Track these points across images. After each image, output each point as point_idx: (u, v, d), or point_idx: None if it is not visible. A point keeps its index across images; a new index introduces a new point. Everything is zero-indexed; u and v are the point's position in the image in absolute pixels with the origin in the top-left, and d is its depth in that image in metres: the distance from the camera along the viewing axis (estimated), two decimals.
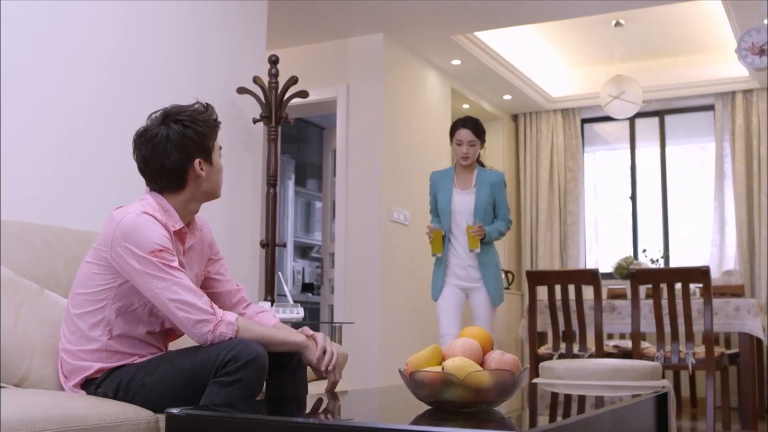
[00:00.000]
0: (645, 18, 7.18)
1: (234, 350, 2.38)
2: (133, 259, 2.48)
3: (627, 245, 8.69)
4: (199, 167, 2.67)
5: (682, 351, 5.38)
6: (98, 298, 2.57)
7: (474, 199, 5.23)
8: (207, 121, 2.71)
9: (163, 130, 2.63)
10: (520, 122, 9.30)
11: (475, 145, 5.22)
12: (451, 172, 5.37)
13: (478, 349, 2.15)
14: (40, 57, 3.74)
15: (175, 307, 2.46)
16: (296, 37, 6.84)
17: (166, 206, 2.65)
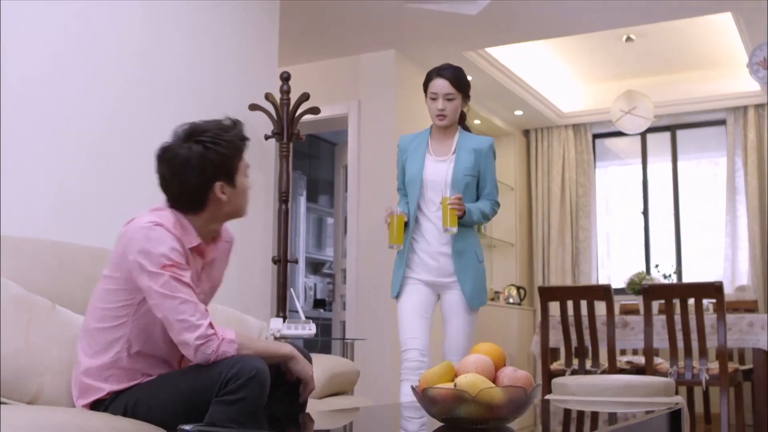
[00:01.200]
0: (656, 33, 7.18)
1: (235, 368, 2.37)
2: (144, 274, 2.46)
3: (639, 260, 8.66)
4: (219, 191, 2.60)
5: (696, 367, 5.35)
6: (119, 314, 2.55)
7: (452, 168, 4.09)
8: (232, 141, 2.62)
9: (184, 149, 2.56)
10: (531, 138, 9.30)
11: (454, 100, 4.11)
12: (425, 135, 4.26)
13: (491, 365, 2.15)
14: (58, 75, 3.76)
15: (180, 327, 2.43)
16: (308, 54, 6.87)
17: (184, 223, 2.61)
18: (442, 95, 4.10)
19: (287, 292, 5.02)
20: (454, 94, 4.11)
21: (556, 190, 8.99)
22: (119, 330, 2.55)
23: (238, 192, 2.66)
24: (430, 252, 4.08)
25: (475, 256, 4.12)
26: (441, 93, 4.11)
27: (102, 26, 4.03)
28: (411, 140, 4.28)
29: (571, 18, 6.32)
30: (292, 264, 5.41)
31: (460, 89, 4.13)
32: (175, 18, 4.50)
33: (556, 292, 5.79)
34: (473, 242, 4.13)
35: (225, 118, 2.67)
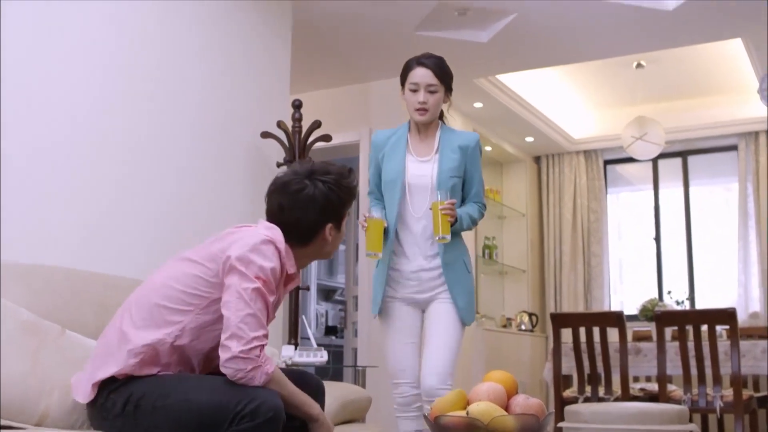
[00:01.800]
0: (666, 59, 7.20)
1: (253, 403, 2.34)
2: (235, 273, 2.47)
3: (652, 287, 8.63)
4: (329, 232, 2.69)
5: (710, 394, 5.31)
6: (190, 301, 2.53)
7: (436, 169, 3.62)
8: (349, 188, 2.74)
9: (309, 187, 2.66)
10: (542, 164, 9.30)
11: (436, 92, 3.63)
12: (403, 131, 3.75)
13: (503, 393, 2.14)
14: (77, 107, 3.79)
15: (235, 330, 2.41)
16: (319, 81, 6.91)
17: (289, 250, 2.65)
18: (424, 86, 3.62)
19: (299, 320, 5.02)
20: (437, 86, 3.63)
21: (568, 216, 8.98)
22: (181, 315, 2.52)
23: (339, 236, 2.76)
24: (411, 268, 3.61)
25: (464, 267, 3.67)
26: (422, 84, 3.63)
27: (119, 58, 4.07)
28: (387, 137, 3.76)
29: (581, 44, 6.34)
30: (304, 291, 5.41)
31: (444, 80, 3.66)
32: (189, 48, 4.53)
33: (569, 319, 5.78)
34: (462, 251, 3.69)
35: (341, 165, 2.78)
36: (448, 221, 3.46)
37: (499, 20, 5.92)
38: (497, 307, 8.74)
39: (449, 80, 3.69)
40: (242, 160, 4.87)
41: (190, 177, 4.46)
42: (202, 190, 4.54)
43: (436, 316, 3.59)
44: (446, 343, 3.53)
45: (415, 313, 3.65)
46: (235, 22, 4.89)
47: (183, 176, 4.40)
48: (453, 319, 3.57)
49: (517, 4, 5.64)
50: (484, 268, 8.53)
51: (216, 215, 4.60)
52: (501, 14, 5.84)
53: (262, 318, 2.47)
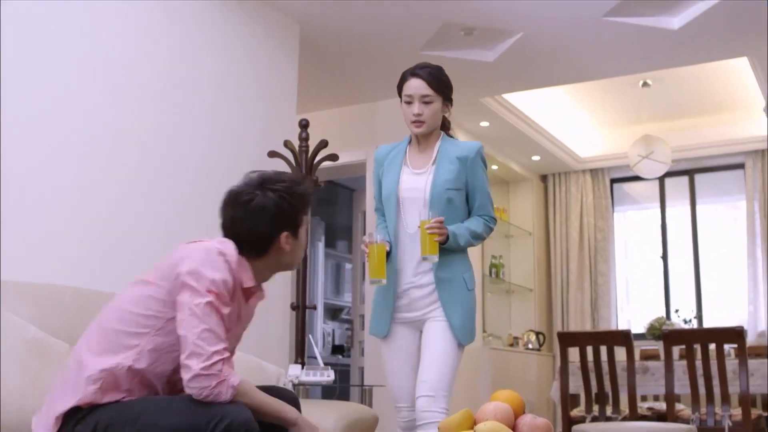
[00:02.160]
0: (672, 78, 7.21)
1: (224, 422, 2.28)
2: (186, 290, 2.42)
3: (659, 305, 8.61)
4: (285, 240, 2.62)
5: (718, 413, 5.29)
6: (145, 323, 2.48)
7: (430, 181, 3.46)
8: (302, 195, 2.67)
9: (260, 196, 2.60)
10: (549, 183, 9.31)
11: (432, 103, 3.47)
12: (403, 145, 3.65)
13: (510, 412, 2.14)
14: (84, 126, 3.81)
15: (193, 349, 2.36)
16: (326, 101, 6.93)
17: (245, 263, 2.60)
18: (418, 97, 3.46)
19: (306, 339, 5.02)
20: (432, 96, 3.46)
21: (575, 234, 8.97)
22: (137, 338, 2.47)
23: (298, 245, 2.69)
24: (401, 285, 3.43)
25: (463, 284, 3.45)
26: (416, 95, 3.46)
27: (128, 78, 4.09)
28: (388, 151, 3.66)
29: (587, 64, 6.36)
30: (311, 310, 5.41)
31: (440, 90, 3.49)
32: (197, 68, 4.56)
33: (576, 338, 5.76)
34: (461, 268, 3.47)
35: (294, 173, 2.72)
36: (435, 241, 3.27)
37: (505, 40, 5.95)
38: (504, 326, 8.72)
39: (446, 89, 3.53)
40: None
41: (197, 196, 4.47)
42: (209, 208, 4.53)
43: (429, 336, 3.37)
44: (437, 363, 3.30)
45: (412, 335, 3.46)
46: (243, 42, 4.92)
47: (190, 195, 4.41)
48: (446, 338, 3.33)
49: (523, 24, 5.66)
50: (491, 287, 8.52)
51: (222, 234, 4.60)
52: (507, 34, 5.86)
53: (219, 332, 2.42)
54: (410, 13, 5.47)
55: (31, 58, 3.62)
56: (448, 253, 3.37)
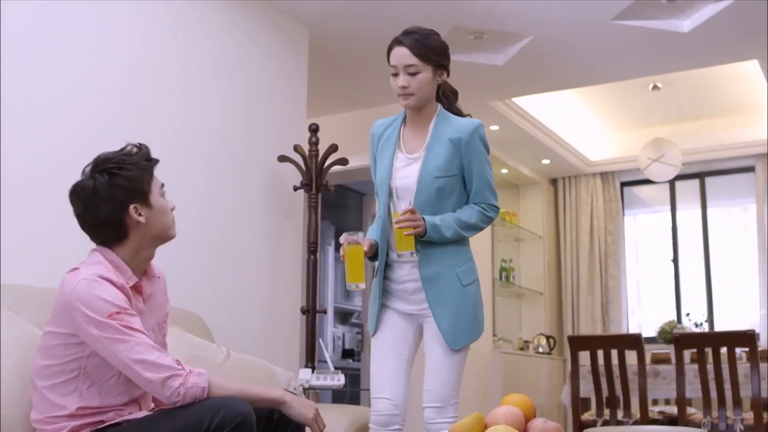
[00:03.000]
0: (682, 81, 7.20)
1: (218, 416, 2.26)
2: (91, 326, 2.36)
3: (670, 309, 8.59)
4: (135, 213, 2.53)
5: (730, 417, 5.27)
6: (67, 368, 2.45)
7: (419, 168, 3.13)
8: (137, 163, 2.57)
9: (89, 182, 2.53)
10: (559, 186, 9.30)
11: (419, 73, 3.08)
12: (398, 123, 3.28)
13: (521, 416, 2.14)
14: (91, 132, 3.82)
15: (141, 368, 2.34)
16: (336, 106, 6.94)
17: (117, 262, 2.54)
18: (402, 68, 3.08)
19: (316, 343, 5.01)
20: (419, 65, 3.07)
21: (585, 238, 8.96)
22: (71, 384, 2.45)
23: (156, 211, 2.60)
24: (399, 277, 3.16)
25: (456, 280, 3.11)
26: (400, 65, 3.08)
27: (134, 83, 4.10)
28: (384, 128, 3.31)
29: (597, 67, 6.35)
30: (321, 314, 5.40)
31: (427, 58, 3.09)
32: (206, 73, 4.57)
33: (586, 342, 5.75)
34: (452, 262, 3.11)
35: (128, 144, 2.63)
36: (406, 235, 2.98)
37: (515, 43, 5.94)
38: (514, 330, 8.71)
39: (435, 55, 3.12)
40: (260, 184, 4.89)
41: (207, 200, 4.48)
42: (219, 213, 4.56)
43: (426, 341, 3.15)
44: (438, 372, 3.12)
45: (407, 326, 3.17)
46: (252, 47, 4.93)
47: (200, 200, 4.42)
48: (440, 343, 3.09)
49: (532, 27, 5.66)
50: (501, 291, 8.51)
51: (234, 239, 4.62)
52: (516, 37, 5.86)
53: (147, 340, 2.39)
54: (420, 17, 5.45)
55: (38, 61, 3.64)
56: (435, 246, 3.07)
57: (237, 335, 4.42)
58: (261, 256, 4.82)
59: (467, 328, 3.12)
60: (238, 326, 4.55)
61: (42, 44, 3.64)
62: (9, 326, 2.76)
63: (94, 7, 3.91)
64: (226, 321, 4.38)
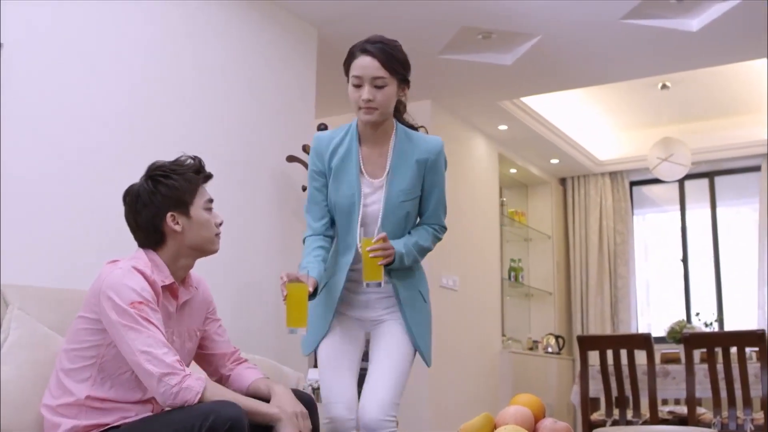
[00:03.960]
0: (691, 80, 7.18)
1: (208, 420, 2.27)
2: (113, 311, 2.43)
3: (679, 308, 8.57)
4: (172, 221, 2.61)
5: (740, 417, 5.26)
6: (87, 354, 2.51)
7: (385, 192, 2.94)
8: (184, 174, 2.66)
9: (136, 186, 2.65)
10: (568, 186, 9.28)
11: (385, 86, 2.88)
12: (352, 139, 3.01)
13: (530, 416, 2.14)
14: (98, 127, 3.83)
15: (144, 359, 2.38)
16: (344, 105, 6.88)
17: (157, 261, 2.62)
18: (369, 79, 2.87)
19: None
20: (386, 78, 2.87)
21: (594, 238, 8.95)
22: (86, 371, 2.51)
23: (195, 223, 2.66)
24: (363, 290, 2.98)
25: (421, 298, 3.05)
26: (366, 76, 2.87)
27: (143, 83, 4.11)
28: (333, 145, 3.03)
29: (606, 66, 6.34)
30: None
31: (395, 71, 2.90)
32: (214, 73, 4.58)
33: (596, 341, 5.74)
34: (417, 282, 3.04)
35: (183, 155, 2.72)
36: (379, 264, 2.79)
37: (523, 43, 5.94)
38: (523, 330, 8.71)
39: (402, 69, 2.94)
40: (268, 184, 4.90)
41: (216, 200, 4.47)
42: (227, 213, 4.54)
43: (384, 336, 2.98)
44: (394, 367, 2.91)
45: (359, 330, 3.04)
46: (261, 47, 4.93)
47: None
48: (404, 341, 2.95)
49: (541, 27, 5.65)
50: (510, 291, 8.51)
51: (242, 238, 4.63)
52: (525, 37, 5.85)
53: (158, 337, 2.43)
54: (428, 17, 5.47)
55: (44, 60, 3.64)
56: (407, 270, 2.98)
57: (246, 335, 4.42)
58: (270, 256, 4.82)
59: (428, 340, 3.06)
60: (247, 326, 4.55)
61: (49, 43, 3.65)
62: (20, 325, 2.78)
63: (105, 7, 3.92)
64: (235, 321, 4.39)
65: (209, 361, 2.84)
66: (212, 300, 2.90)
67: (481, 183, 7.61)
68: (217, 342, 2.87)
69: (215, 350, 2.85)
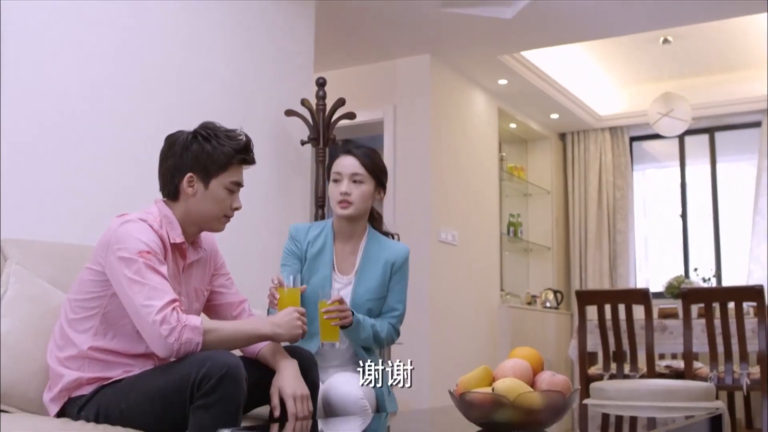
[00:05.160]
0: (693, 35, 7.12)
1: (204, 368, 2.28)
2: (118, 261, 2.43)
3: (678, 264, 8.58)
4: (188, 182, 2.61)
5: (736, 371, 5.29)
6: (89, 305, 2.52)
7: (351, 291, 3.13)
8: (223, 147, 2.61)
9: (179, 134, 2.65)
10: (567, 141, 9.25)
11: (363, 183, 3.13)
12: (327, 238, 3.21)
13: (529, 370, 2.14)
14: (94, 84, 3.81)
15: (144, 313, 2.37)
16: (343, 59, 6.89)
17: (171, 218, 2.61)
18: (348, 175, 3.11)
19: None
20: (364, 176, 3.12)
21: (593, 193, 8.94)
22: (88, 321, 2.52)
23: (208, 195, 2.63)
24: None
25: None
26: (346, 173, 3.12)
27: (138, 35, 4.07)
28: (311, 237, 3.21)
29: (607, 20, 6.28)
30: None
31: (372, 173, 3.15)
32: (210, 26, 4.53)
33: (594, 296, 5.76)
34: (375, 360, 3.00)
35: (239, 129, 2.69)
36: (333, 325, 2.88)
37: None
38: (522, 285, 8.73)
39: (380, 174, 3.18)
40: (266, 139, 4.88)
41: None
42: None
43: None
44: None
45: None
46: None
47: None
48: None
49: None
50: (509, 246, 8.52)
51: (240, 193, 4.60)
52: None
53: (162, 287, 2.42)
54: None
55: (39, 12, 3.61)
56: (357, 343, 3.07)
57: (244, 292, 4.43)
58: (269, 211, 4.82)
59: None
60: (246, 281, 4.55)
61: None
62: (18, 280, 2.78)
63: None
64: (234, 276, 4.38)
65: (216, 311, 2.85)
66: (220, 256, 2.90)
67: (480, 138, 7.58)
68: (223, 293, 2.89)
69: (221, 300, 2.88)
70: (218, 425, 2.08)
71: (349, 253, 3.19)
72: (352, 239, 3.20)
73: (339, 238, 3.21)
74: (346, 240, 3.20)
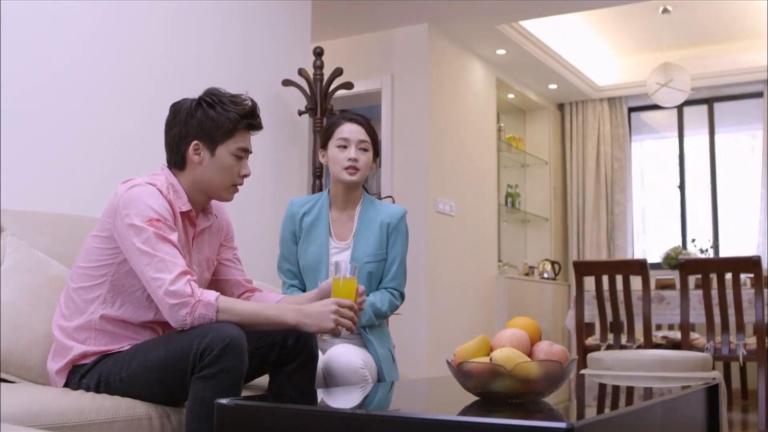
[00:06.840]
0: (692, 4, 7.09)
1: (206, 339, 2.26)
2: (128, 229, 2.39)
3: (675, 235, 8.59)
4: (194, 150, 2.56)
5: (733, 342, 5.31)
6: (98, 273, 2.49)
7: (349, 256, 3.15)
8: (228, 112, 2.56)
9: (183, 102, 2.60)
10: (566, 111, 9.23)
11: (367, 151, 3.17)
12: (323, 206, 3.24)
13: (526, 339, 2.14)
14: (90, 57, 3.78)
15: (156, 286, 2.34)
16: (341, 29, 6.85)
17: (176, 186, 2.56)
18: (355, 142, 3.14)
19: None
20: (368, 144, 3.17)
21: (591, 164, 8.93)
22: (96, 290, 2.49)
23: (215, 163, 2.58)
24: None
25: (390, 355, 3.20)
26: (354, 140, 3.14)
27: (134, 4, 4.04)
28: (306, 210, 3.24)
29: None
30: None
31: (375, 142, 3.21)
32: None
33: (592, 267, 5.77)
34: (385, 339, 3.21)
35: (245, 94, 2.64)
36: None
37: None
38: (519, 255, 8.74)
39: (378, 143, 3.24)
40: (263, 109, 4.78)
41: None
42: None
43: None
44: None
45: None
46: None
47: None
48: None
49: None
50: (507, 216, 8.52)
51: None
52: None
53: (174, 257, 2.38)
54: None
55: None
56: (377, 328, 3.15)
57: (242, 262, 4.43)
58: (266, 181, 4.80)
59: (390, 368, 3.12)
60: (242, 251, 4.54)
61: None
62: (14, 250, 2.78)
63: None
64: None
65: (220, 287, 2.78)
66: (231, 228, 2.86)
67: (478, 108, 7.56)
68: (230, 268, 2.84)
69: (227, 276, 2.83)
70: (218, 397, 2.07)
71: (346, 220, 3.22)
72: (348, 206, 3.23)
73: (335, 205, 3.23)
74: (342, 207, 3.22)
